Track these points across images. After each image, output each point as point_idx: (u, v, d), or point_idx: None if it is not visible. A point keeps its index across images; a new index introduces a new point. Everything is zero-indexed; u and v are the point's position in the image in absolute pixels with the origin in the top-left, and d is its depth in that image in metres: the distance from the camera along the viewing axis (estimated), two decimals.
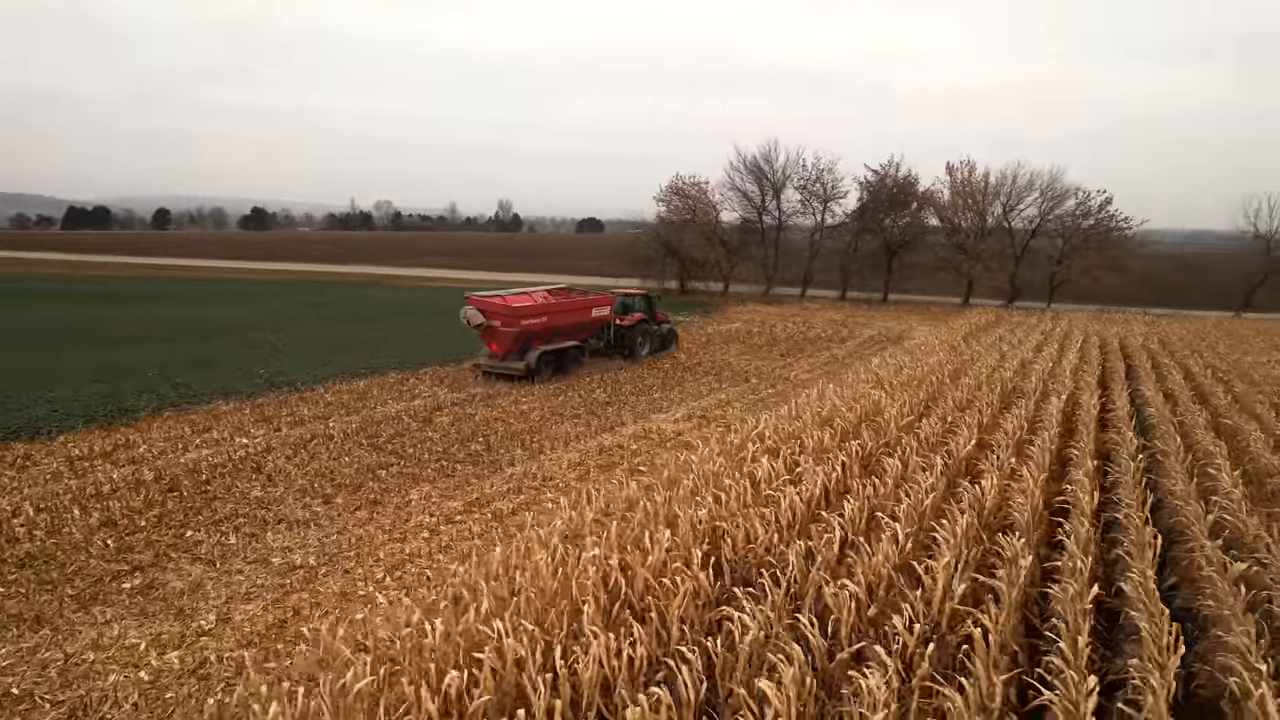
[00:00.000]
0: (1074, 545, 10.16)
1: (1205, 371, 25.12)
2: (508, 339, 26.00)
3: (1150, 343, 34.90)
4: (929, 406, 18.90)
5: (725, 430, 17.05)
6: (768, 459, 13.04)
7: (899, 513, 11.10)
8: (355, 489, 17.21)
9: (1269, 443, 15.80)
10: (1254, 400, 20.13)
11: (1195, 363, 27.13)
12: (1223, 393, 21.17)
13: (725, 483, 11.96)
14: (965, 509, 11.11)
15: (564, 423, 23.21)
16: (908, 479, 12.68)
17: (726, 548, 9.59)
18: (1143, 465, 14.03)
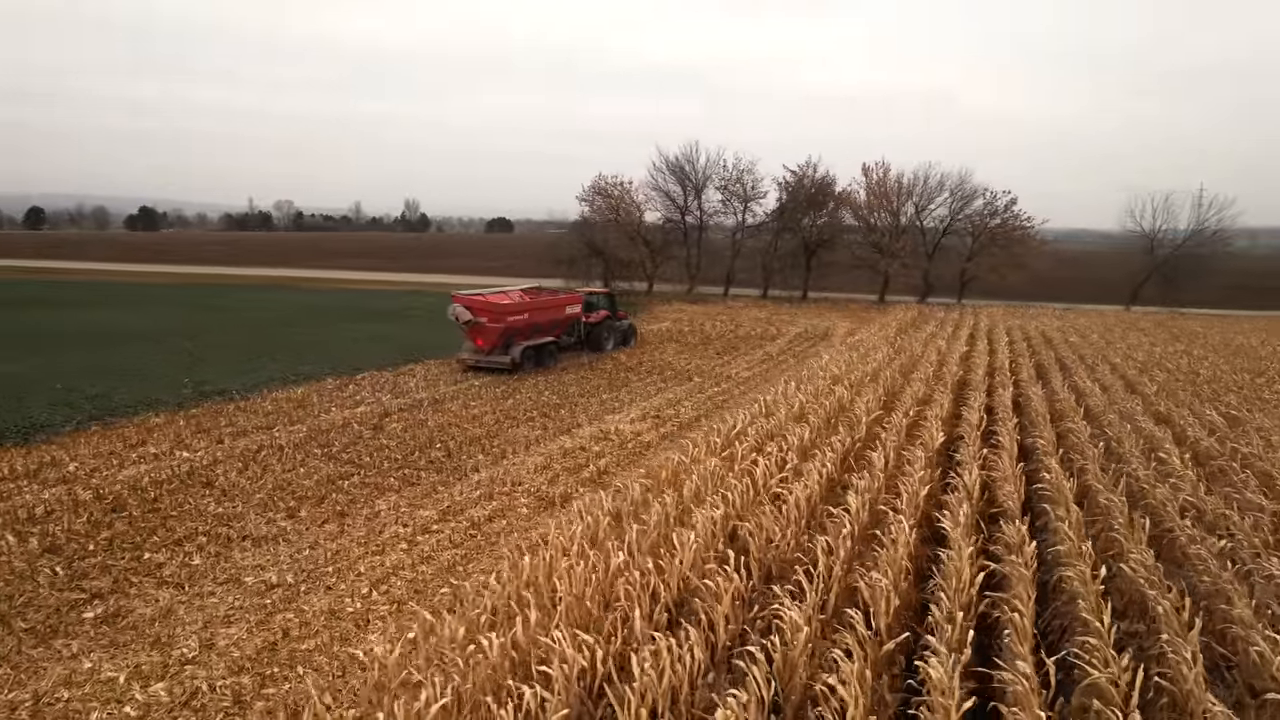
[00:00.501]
0: (1067, 530, 10.67)
1: (1126, 362, 26.92)
2: (494, 335, 26.99)
3: (1070, 335, 37.06)
4: (891, 401, 19.50)
5: (708, 431, 17.06)
6: (762, 458, 13.16)
7: (900, 505, 11.38)
8: (319, 501, 16.44)
9: (1203, 427, 17.03)
10: (1176, 388, 21.71)
11: (1114, 353, 29.04)
12: (1148, 381, 22.71)
13: (730, 482, 12.00)
14: (963, 499, 11.48)
15: (519, 426, 22.83)
16: (901, 471, 13.02)
17: (753, 546, 9.62)
18: (1102, 450, 14.86)
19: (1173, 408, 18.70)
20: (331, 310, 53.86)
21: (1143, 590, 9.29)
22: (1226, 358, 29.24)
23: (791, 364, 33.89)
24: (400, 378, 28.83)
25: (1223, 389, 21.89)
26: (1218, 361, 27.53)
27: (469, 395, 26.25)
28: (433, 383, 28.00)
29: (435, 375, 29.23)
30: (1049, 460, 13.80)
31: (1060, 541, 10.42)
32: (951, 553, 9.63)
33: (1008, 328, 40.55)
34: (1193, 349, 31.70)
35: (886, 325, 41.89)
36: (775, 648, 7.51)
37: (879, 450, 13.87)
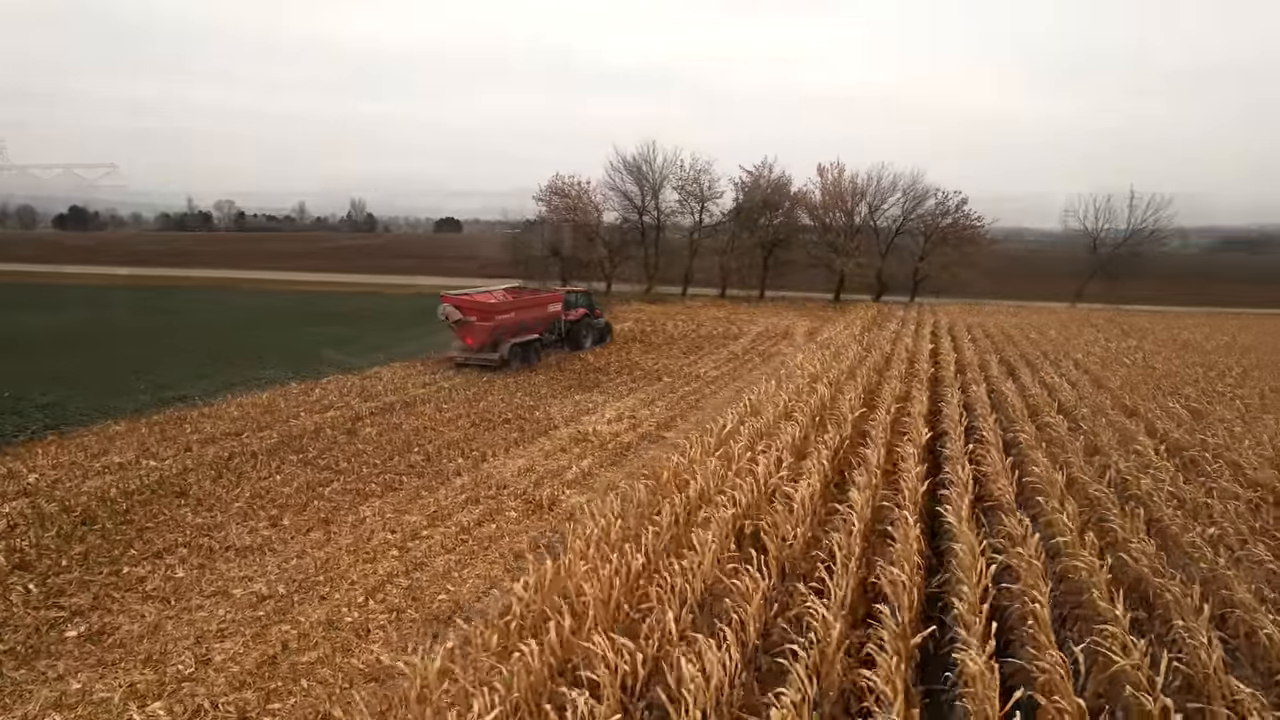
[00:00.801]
0: (1065, 521, 10.96)
1: (1087, 358, 27.85)
2: (483, 333, 27.87)
3: (1029, 332, 38.14)
4: (872, 398, 19.80)
5: (702, 431, 17.10)
6: (762, 457, 13.23)
7: (902, 500, 11.55)
8: (300, 509, 15.97)
9: (1171, 419, 17.71)
10: (1137, 381, 22.54)
11: (1074, 349, 30.02)
12: (1111, 376, 23.53)
13: (735, 481, 12.03)
14: (961, 492, 11.70)
15: (495, 429, 22.57)
16: (895, 467, 13.22)
17: (771, 545, 9.65)
18: (1082, 444, 15.32)
19: (1139, 400, 19.41)
20: (284, 312, 52.51)
21: (1146, 578, 9.57)
22: (1176, 352, 30.49)
23: (757, 363, 34.19)
24: (366, 380, 28.26)
25: (1180, 383, 22.81)
26: (1170, 356, 28.69)
27: (440, 398, 25.85)
28: (400, 385, 27.50)
29: (402, 377, 28.70)
30: (1035, 454, 14.18)
31: (1060, 533, 10.69)
32: (961, 546, 9.79)
33: (967, 325, 41.57)
34: (1144, 344, 32.95)
35: (851, 324, 42.53)
36: (810, 645, 7.54)
37: (870, 447, 14.07)
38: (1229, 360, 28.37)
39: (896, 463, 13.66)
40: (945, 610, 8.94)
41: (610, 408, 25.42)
